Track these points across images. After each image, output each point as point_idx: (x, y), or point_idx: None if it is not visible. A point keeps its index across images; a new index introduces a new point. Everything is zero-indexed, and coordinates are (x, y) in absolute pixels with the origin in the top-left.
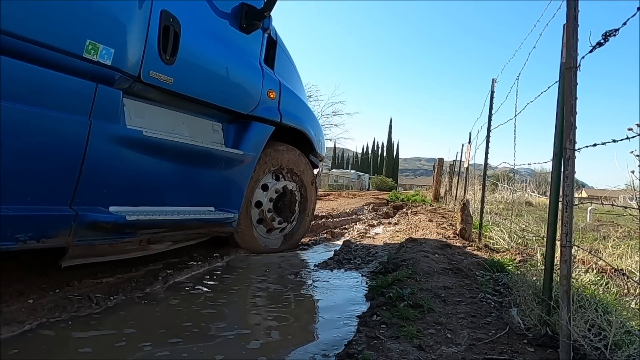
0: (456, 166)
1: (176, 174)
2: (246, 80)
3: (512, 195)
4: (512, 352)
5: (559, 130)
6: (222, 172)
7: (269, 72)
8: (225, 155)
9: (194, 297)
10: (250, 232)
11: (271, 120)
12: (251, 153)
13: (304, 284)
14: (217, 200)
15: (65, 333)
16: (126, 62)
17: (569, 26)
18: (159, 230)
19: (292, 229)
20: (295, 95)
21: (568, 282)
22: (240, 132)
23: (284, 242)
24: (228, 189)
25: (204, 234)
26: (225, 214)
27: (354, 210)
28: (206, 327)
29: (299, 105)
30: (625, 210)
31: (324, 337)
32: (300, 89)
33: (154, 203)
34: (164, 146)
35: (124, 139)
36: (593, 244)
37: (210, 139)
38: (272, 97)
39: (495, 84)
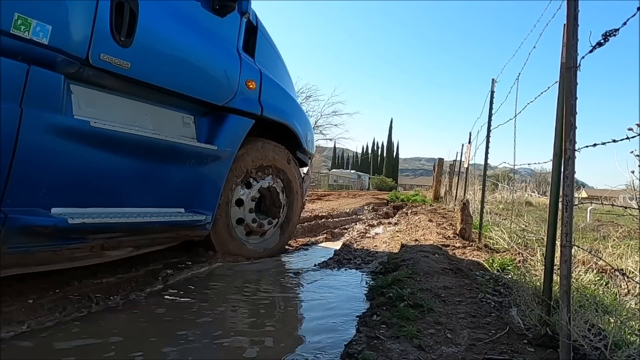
0: (456, 166)
1: (136, 172)
2: (220, 68)
3: (512, 195)
4: (512, 352)
5: (559, 130)
6: (194, 169)
7: (248, 61)
8: (197, 151)
9: (194, 297)
10: (228, 235)
11: (251, 113)
12: (227, 149)
13: (304, 283)
14: (188, 201)
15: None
16: (69, 42)
17: (569, 26)
18: (113, 235)
19: (276, 232)
20: (279, 87)
21: (568, 282)
22: (215, 126)
23: (267, 245)
24: (200, 188)
25: (172, 238)
26: (196, 216)
27: (354, 210)
28: (207, 325)
29: (284, 98)
30: (625, 210)
31: (324, 337)
32: (286, 81)
33: (109, 204)
34: (120, 139)
35: (68, 131)
36: (593, 244)
37: (179, 133)
38: (252, 87)
39: (495, 84)
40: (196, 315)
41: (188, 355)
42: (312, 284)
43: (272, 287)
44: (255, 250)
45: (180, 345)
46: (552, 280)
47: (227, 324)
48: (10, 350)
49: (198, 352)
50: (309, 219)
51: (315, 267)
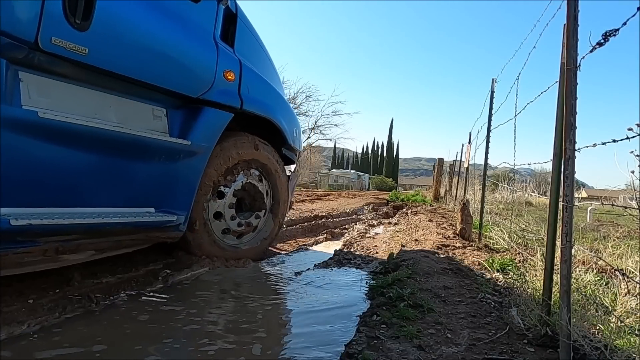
0: (456, 166)
1: (96, 168)
2: (194, 57)
3: (512, 195)
4: (512, 352)
5: (559, 130)
6: (164, 166)
7: (227, 51)
8: (168, 146)
9: (194, 296)
10: (207, 236)
11: (229, 106)
12: (202, 144)
13: (303, 283)
14: (158, 200)
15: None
16: (13, 23)
17: (569, 26)
18: (69, 238)
19: (259, 233)
20: (261, 79)
21: (568, 282)
22: (189, 120)
23: (248, 247)
24: (172, 186)
25: (141, 240)
26: (167, 216)
27: (354, 210)
28: (205, 323)
29: (267, 91)
30: (625, 210)
31: (323, 337)
32: (271, 75)
33: (63, 203)
34: (75, 132)
35: (14, 122)
36: (593, 244)
37: (148, 127)
38: (231, 79)
39: (495, 84)
40: (210, 312)
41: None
42: (311, 283)
43: (270, 287)
44: (234, 251)
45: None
46: (552, 280)
47: (219, 326)
48: (10, 350)
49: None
50: (309, 219)
51: (314, 267)
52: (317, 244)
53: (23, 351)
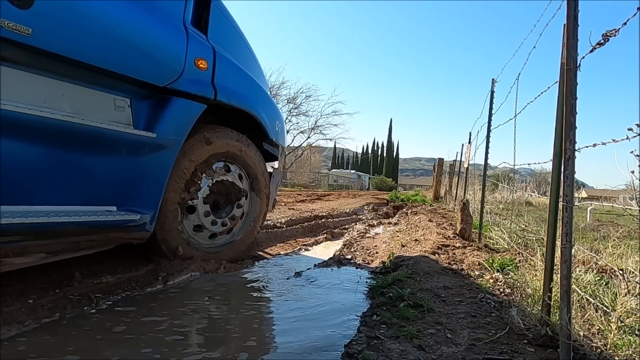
0: (456, 166)
1: (43, 162)
2: (160, 41)
3: (512, 195)
4: (512, 352)
5: (559, 130)
6: (127, 161)
7: (199, 37)
8: (130, 139)
9: (194, 296)
10: (179, 236)
11: (201, 97)
12: (170, 137)
13: (303, 283)
14: (120, 198)
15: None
16: None
17: (569, 26)
18: (12, 239)
19: (236, 234)
20: (239, 69)
21: (568, 282)
22: (157, 111)
23: (225, 248)
24: (137, 183)
25: (102, 241)
26: (130, 215)
27: (354, 210)
28: (206, 322)
29: (245, 82)
30: (625, 210)
31: (323, 337)
32: (251, 66)
33: (4, 200)
34: (17, 122)
35: None
36: (593, 244)
37: (109, 118)
38: (203, 67)
39: (495, 84)
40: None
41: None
42: (311, 283)
43: (269, 286)
44: (210, 251)
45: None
46: (552, 280)
47: (220, 327)
48: (10, 350)
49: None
50: (309, 219)
51: (314, 267)
52: (317, 244)
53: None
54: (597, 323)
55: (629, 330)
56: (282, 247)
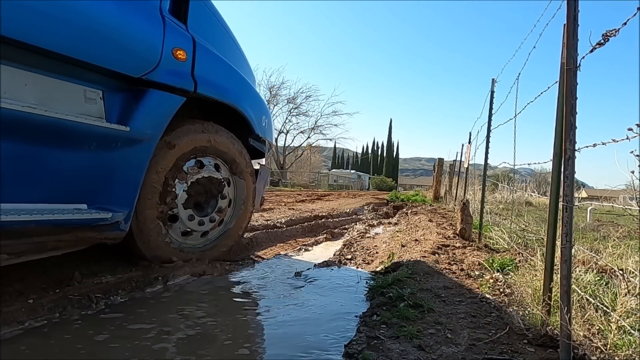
0: (456, 166)
1: (3, 155)
2: (134, 29)
3: (512, 195)
4: (512, 352)
5: (559, 130)
6: (99, 156)
7: (177, 27)
8: (102, 132)
9: (192, 295)
10: (168, 249)
11: (180, 89)
12: (146, 131)
13: (303, 283)
14: (91, 195)
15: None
16: None
17: (569, 26)
18: None
19: (229, 222)
20: (222, 61)
21: (568, 282)
22: (131, 104)
23: (221, 240)
24: (109, 179)
25: (71, 241)
26: (101, 214)
27: (354, 210)
28: (208, 321)
29: (228, 74)
30: (625, 210)
31: (323, 337)
32: (236, 59)
33: None
34: None
35: None
36: (593, 244)
37: (78, 110)
38: (182, 58)
39: (495, 84)
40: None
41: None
42: (312, 283)
43: (268, 286)
44: (204, 250)
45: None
46: (552, 280)
47: (219, 326)
48: (10, 350)
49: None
50: (309, 219)
51: (314, 267)
52: (317, 244)
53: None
54: (597, 323)
55: (629, 330)
56: (282, 247)
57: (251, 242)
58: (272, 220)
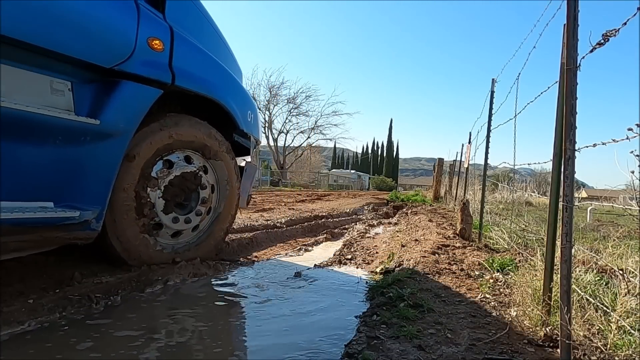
0: (456, 166)
1: None
2: (104, 16)
3: (512, 195)
4: (512, 352)
5: (559, 130)
6: (66, 150)
7: (153, 15)
8: (69, 125)
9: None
10: (163, 255)
11: (157, 81)
12: (119, 125)
13: (303, 283)
14: (58, 192)
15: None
16: None
17: (569, 26)
18: None
19: (217, 207)
20: (203, 52)
21: (568, 282)
22: (102, 96)
23: (216, 225)
24: (77, 175)
25: (36, 241)
26: (68, 212)
27: (354, 210)
28: (207, 322)
29: (210, 67)
30: (625, 210)
31: (323, 337)
32: (220, 52)
33: None
34: None
35: None
36: (593, 244)
37: (44, 102)
38: (158, 48)
39: (495, 84)
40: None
41: None
42: (312, 283)
43: (269, 285)
44: (199, 243)
45: None
46: (552, 280)
47: (223, 325)
48: (10, 350)
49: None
50: (309, 219)
51: (314, 267)
52: (317, 244)
53: None
54: (597, 323)
55: (629, 330)
56: (282, 247)
57: (251, 242)
58: (272, 220)
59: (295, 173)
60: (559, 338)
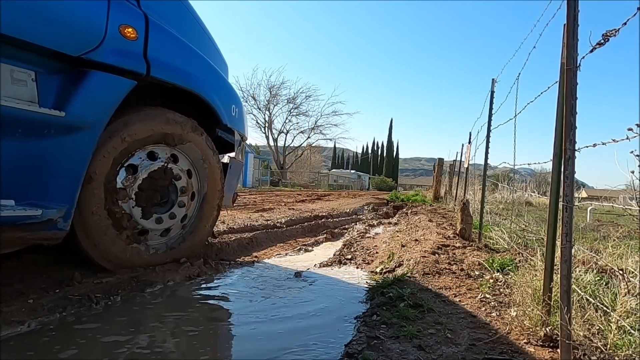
0: (456, 166)
1: None
2: (71, 1)
3: (512, 195)
4: (512, 352)
5: (559, 130)
6: (29, 144)
7: (126, 2)
8: (32, 118)
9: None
10: (158, 258)
11: (130, 71)
12: (87, 117)
13: (303, 283)
14: (19, 189)
15: None
16: None
17: (569, 26)
18: None
19: (202, 189)
20: (182, 43)
21: (568, 282)
22: (69, 86)
23: (205, 208)
24: (41, 170)
25: None
26: (29, 210)
27: (354, 210)
28: (207, 325)
29: (190, 58)
30: (625, 210)
31: (323, 337)
32: (201, 43)
33: None
34: None
35: None
36: (593, 244)
37: (5, 93)
38: (131, 36)
39: (495, 84)
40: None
41: None
42: (312, 283)
43: (268, 285)
44: (193, 232)
45: None
46: (552, 280)
47: (226, 326)
48: (10, 350)
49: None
50: (309, 219)
51: (315, 267)
52: (317, 244)
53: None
54: (597, 323)
55: (629, 330)
56: (282, 247)
57: (251, 242)
58: (272, 220)
59: (295, 173)
60: (559, 338)
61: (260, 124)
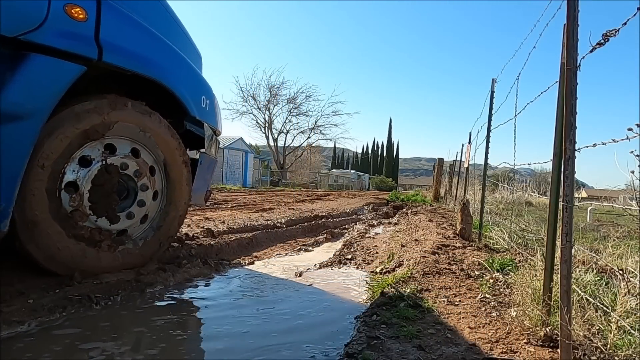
0: (456, 166)
1: None
2: None
3: (512, 195)
4: (512, 352)
5: (559, 130)
6: None
7: None
8: None
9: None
10: (151, 249)
11: (79, 56)
12: (25, 105)
13: (303, 284)
14: None
15: None
16: None
17: (569, 26)
18: None
19: (168, 166)
20: (142, 27)
21: (568, 282)
22: (4, 70)
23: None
24: None
25: None
26: None
27: (354, 210)
28: (207, 325)
29: (152, 44)
30: (625, 210)
31: (323, 337)
32: (171, 33)
33: None
34: None
35: None
36: (593, 244)
37: None
38: (80, 17)
39: (495, 84)
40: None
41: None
42: (312, 283)
43: (268, 286)
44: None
45: None
46: (552, 280)
47: (225, 324)
48: (10, 350)
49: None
50: (309, 219)
51: (315, 268)
52: (317, 244)
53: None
54: (597, 323)
55: (629, 330)
56: (282, 247)
57: (251, 242)
58: (272, 220)
59: (295, 173)
60: (559, 338)
61: (260, 124)
